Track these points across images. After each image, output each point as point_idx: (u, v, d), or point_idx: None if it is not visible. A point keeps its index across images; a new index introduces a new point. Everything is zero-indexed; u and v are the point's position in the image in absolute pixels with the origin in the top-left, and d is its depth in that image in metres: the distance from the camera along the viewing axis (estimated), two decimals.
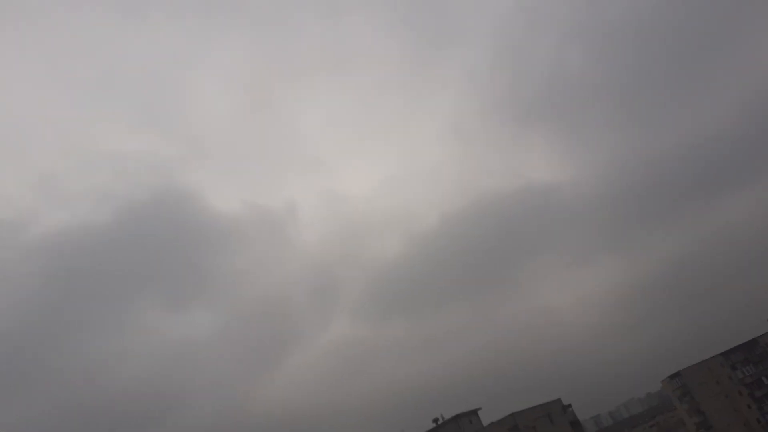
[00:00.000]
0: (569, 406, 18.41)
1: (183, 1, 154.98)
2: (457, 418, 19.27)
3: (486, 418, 19.39)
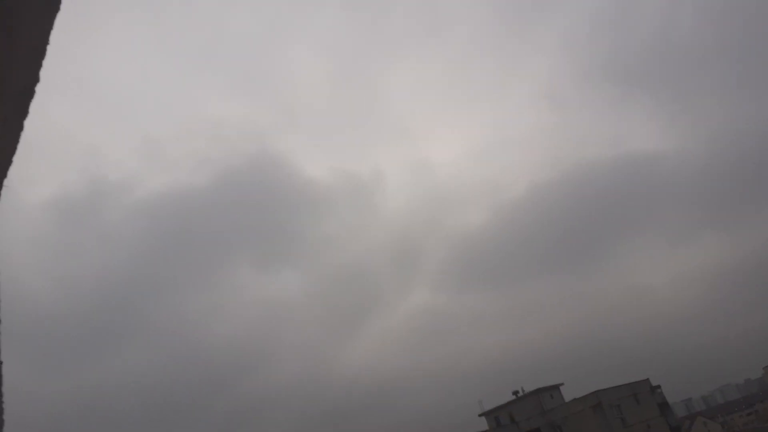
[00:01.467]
0: (658, 387, 17.72)
1: None
2: (539, 391, 19.10)
3: (568, 395, 19.09)
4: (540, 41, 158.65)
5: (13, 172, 0.52)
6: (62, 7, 0.49)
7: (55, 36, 0.52)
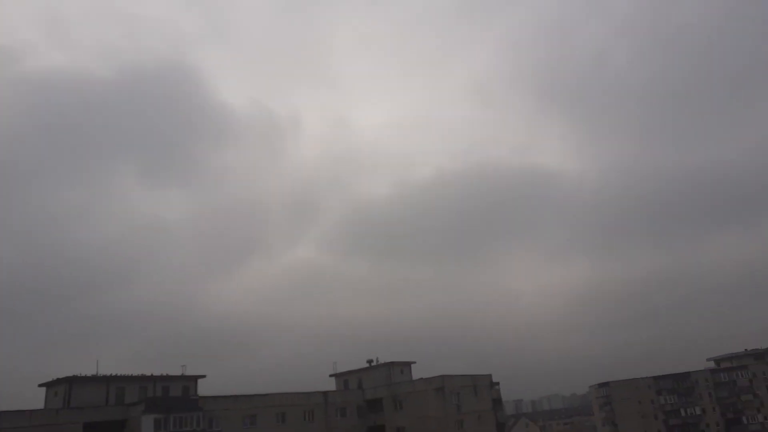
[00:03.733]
0: (497, 383, 19.01)
1: None
2: (391, 365, 19.82)
3: (417, 374, 19.99)
4: (485, 33, 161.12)
5: None
6: None
7: None
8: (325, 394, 17.64)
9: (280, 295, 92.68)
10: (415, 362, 20.55)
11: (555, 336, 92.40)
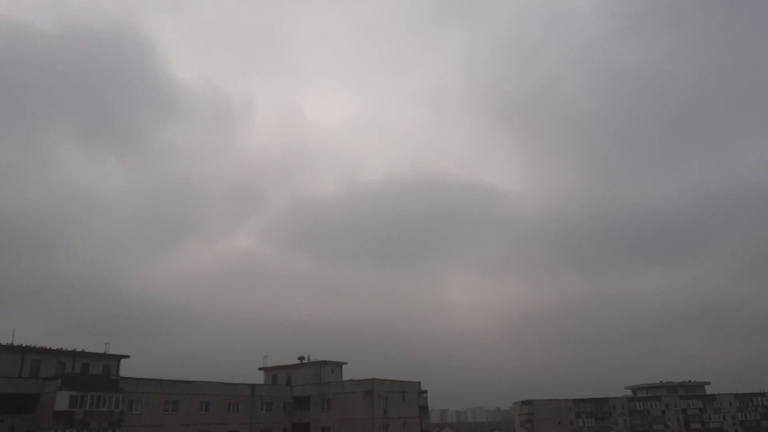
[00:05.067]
0: (425, 391, 19.20)
1: None
2: (322, 363, 19.72)
3: (348, 375, 19.96)
4: (444, 45, 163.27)
5: None
6: None
7: None
8: (252, 386, 17.36)
9: (214, 282, 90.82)
10: (347, 363, 20.53)
11: (484, 350, 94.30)
